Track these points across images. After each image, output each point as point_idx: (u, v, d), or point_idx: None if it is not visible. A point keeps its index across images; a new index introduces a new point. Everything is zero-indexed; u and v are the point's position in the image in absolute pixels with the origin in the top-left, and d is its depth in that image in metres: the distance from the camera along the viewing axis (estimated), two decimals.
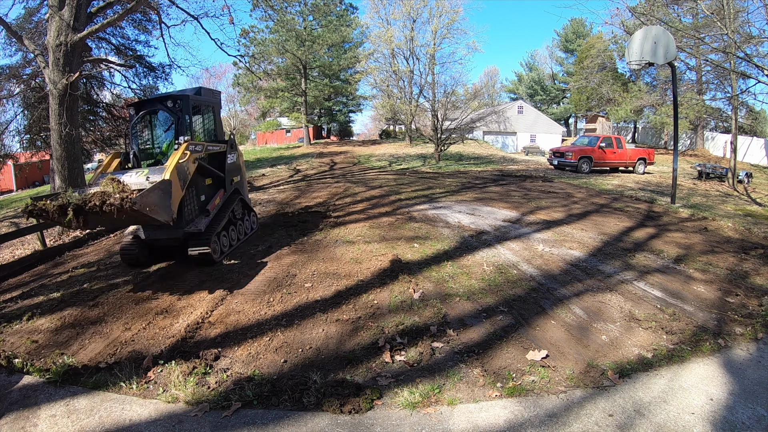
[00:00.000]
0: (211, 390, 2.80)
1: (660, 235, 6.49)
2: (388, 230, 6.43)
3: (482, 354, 3.15)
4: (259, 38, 28.86)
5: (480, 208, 8.09)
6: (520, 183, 12.46)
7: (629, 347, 3.26)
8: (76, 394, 2.83)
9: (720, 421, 2.44)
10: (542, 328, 3.53)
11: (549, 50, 51.88)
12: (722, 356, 3.15)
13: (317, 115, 38.91)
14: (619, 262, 5.14)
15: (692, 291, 4.36)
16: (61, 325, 3.86)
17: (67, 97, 8.71)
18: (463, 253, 5.34)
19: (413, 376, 2.89)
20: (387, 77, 30.35)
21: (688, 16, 19.51)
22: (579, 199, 9.63)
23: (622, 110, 29.16)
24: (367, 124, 71.13)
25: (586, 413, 2.51)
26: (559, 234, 6.34)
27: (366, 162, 21.79)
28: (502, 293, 4.19)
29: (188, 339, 3.44)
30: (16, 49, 15.09)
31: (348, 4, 33.63)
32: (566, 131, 45.86)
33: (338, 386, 2.76)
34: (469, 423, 2.44)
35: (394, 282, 4.43)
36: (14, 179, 27.36)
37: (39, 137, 16.14)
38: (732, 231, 7.06)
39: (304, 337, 3.45)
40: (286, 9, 24.61)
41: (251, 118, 53.25)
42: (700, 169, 16.95)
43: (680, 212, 8.51)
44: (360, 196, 9.69)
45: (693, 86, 26.84)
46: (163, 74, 18.24)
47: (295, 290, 4.34)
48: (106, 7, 10.80)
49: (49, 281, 5.20)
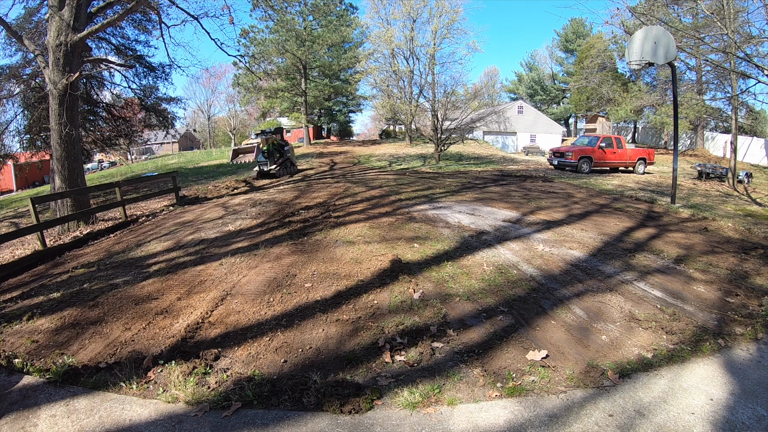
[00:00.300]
0: (211, 390, 2.80)
1: (660, 236, 6.49)
2: (388, 230, 6.43)
3: (482, 354, 3.15)
4: (259, 38, 28.87)
5: (480, 209, 8.09)
6: (521, 183, 12.46)
7: (629, 347, 3.26)
8: (76, 394, 2.83)
9: (720, 421, 2.44)
10: (542, 329, 3.53)
11: (549, 50, 51.98)
12: (723, 356, 3.15)
13: (317, 115, 38.91)
14: (619, 263, 5.14)
15: (692, 291, 4.36)
16: (61, 325, 3.86)
17: (67, 97, 8.71)
18: (463, 254, 5.34)
19: (413, 376, 2.89)
20: (387, 77, 30.37)
21: (688, 16, 19.52)
22: (579, 200, 9.64)
23: (622, 110, 29.16)
24: (367, 124, 71.23)
25: (586, 413, 2.51)
26: (559, 234, 6.34)
27: (366, 162, 21.80)
28: (503, 293, 4.19)
29: (188, 339, 3.44)
30: (16, 49, 15.09)
31: (348, 4, 33.66)
32: (566, 131, 45.86)
33: (338, 386, 2.76)
34: (469, 423, 2.44)
35: (394, 282, 4.43)
36: (14, 179, 27.36)
37: (39, 137, 16.15)
38: (732, 231, 7.06)
39: (304, 337, 3.45)
40: (286, 9, 24.61)
41: (251, 118, 53.27)
42: (700, 169, 16.95)
43: (681, 212, 8.52)
44: (360, 196, 9.69)
45: (693, 86, 26.85)
46: (163, 74, 18.29)
47: (295, 290, 4.33)
48: (106, 7, 10.80)
49: (49, 281, 5.20)
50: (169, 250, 6.03)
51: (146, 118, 20.24)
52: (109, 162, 38.01)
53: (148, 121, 20.36)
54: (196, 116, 63.09)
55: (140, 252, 6.11)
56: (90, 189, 9.49)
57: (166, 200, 11.27)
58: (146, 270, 5.24)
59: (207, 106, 61.25)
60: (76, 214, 8.66)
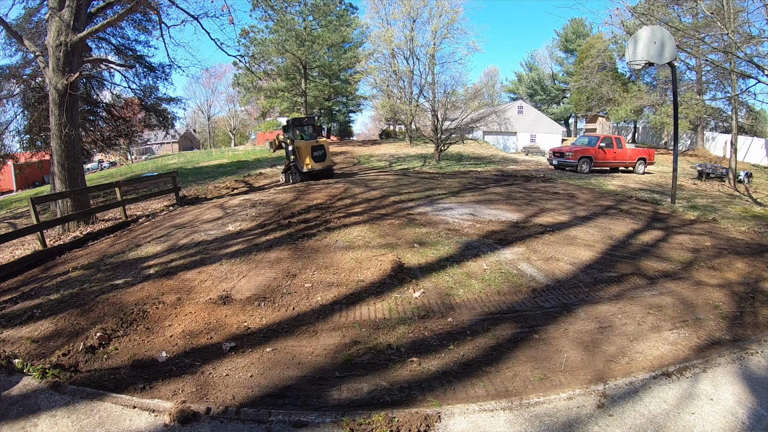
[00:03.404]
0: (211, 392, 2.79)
1: (667, 239, 6.38)
2: (388, 233, 6.38)
3: (486, 363, 3.08)
4: (259, 38, 28.82)
5: (482, 210, 8.05)
6: (522, 184, 12.44)
7: (639, 355, 3.17)
8: (75, 394, 2.82)
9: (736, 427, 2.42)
10: (549, 336, 3.44)
11: (549, 50, 51.94)
12: (736, 364, 3.08)
13: (317, 115, 38.86)
14: (627, 267, 5.04)
15: (703, 296, 4.28)
16: (61, 325, 3.85)
17: (67, 97, 8.70)
18: (466, 258, 5.24)
19: (415, 386, 2.84)
20: (387, 77, 30.36)
21: (688, 16, 19.52)
22: (584, 201, 9.57)
23: (622, 110, 29.16)
24: (367, 124, 71.21)
25: (594, 423, 2.49)
26: (564, 237, 6.24)
27: (366, 162, 21.78)
28: (507, 299, 4.09)
29: (186, 345, 3.44)
30: (16, 49, 15.09)
31: (348, 4, 33.61)
32: (566, 131, 45.84)
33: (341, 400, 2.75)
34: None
35: (395, 287, 4.38)
36: (14, 179, 27.36)
37: (39, 137, 16.15)
38: (740, 234, 6.98)
39: (302, 345, 3.44)
40: (286, 9, 24.60)
41: (251, 118, 53.26)
42: (701, 169, 16.95)
43: (687, 214, 8.42)
44: (360, 197, 9.66)
45: (693, 86, 26.85)
46: (163, 74, 18.30)
47: (295, 290, 4.33)
48: (106, 8, 10.80)
49: (49, 281, 5.19)
50: (167, 252, 6.02)
51: (146, 118, 20.24)
52: (109, 162, 38.01)
53: (148, 121, 20.37)
54: (196, 116, 63.15)
55: (141, 252, 6.11)
56: (90, 189, 9.48)
57: (166, 200, 11.27)
58: (144, 271, 5.23)
59: (207, 106, 61.34)
60: (76, 215, 8.65)
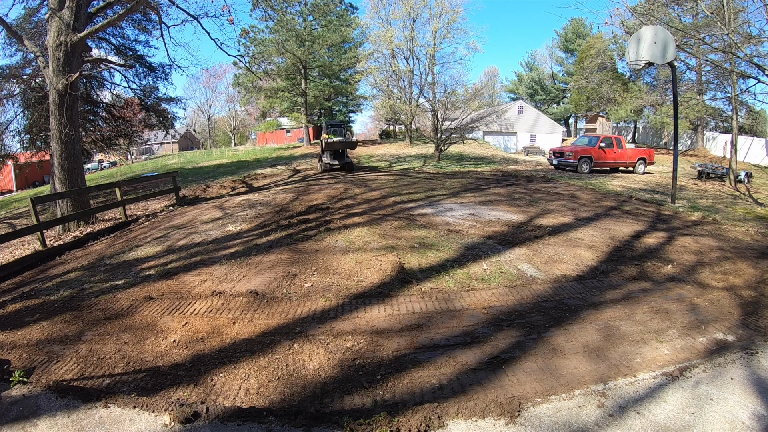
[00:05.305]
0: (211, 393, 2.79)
1: (671, 241, 6.33)
2: (388, 233, 6.38)
3: (486, 365, 3.05)
4: (259, 38, 28.84)
5: (483, 211, 8.03)
6: (523, 184, 12.43)
7: (645, 360, 3.15)
8: (75, 396, 2.82)
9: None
10: (553, 341, 3.40)
11: (549, 50, 51.94)
12: (743, 368, 3.05)
13: (317, 115, 38.86)
14: (631, 269, 5.01)
15: (709, 299, 4.27)
16: (61, 327, 3.85)
17: (67, 97, 8.70)
18: (467, 259, 5.20)
19: (416, 388, 2.82)
20: (387, 77, 30.39)
21: (688, 16, 19.51)
22: (585, 202, 9.55)
23: (622, 110, 29.16)
24: (367, 124, 71.26)
25: (595, 424, 2.47)
26: (567, 239, 6.20)
27: (366, 162, 21.77)
28: (510, 305, 4.04)
29: (186, 346, 3.44)
30: (16, 49, 15.09)
31: (348, 4, 33.60)
32: (566, 131, 45.84)
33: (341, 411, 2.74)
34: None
35: (396, 288, 4.37)
36: (14, 179, 27.38)
37: (39, 137, 16.15)
38: (744, 235, 6.96)
39: (302, 348, 3.44)
40: (286, 9, 24.61)
41: (251, 118, 53.30)
42: (701, 169, 16.96)
43: (690, 216, 8.38)
44: (360, 197, 9.66)
45: (693, 86, 26.84)
46: (163, 74, 18.30)
47: (295, 291, 4.33)
48: (106, 7, 10.80)
49: (49, 282, 5.19)
50: (165, 253, 6.02)
51: (146, 118, 20.24)
52: (109, 162, 38.02)
53: (148, 121, 20.37)
54: (196, 116, 63.14)
55: (141, 253, 6.11)
56: (90, 189, 9.48)
57: (166, 200, 11.27)
58: (144, 272, 5.23)
59: (207, 106, 61.33)
60: (76, 214, 8.65)
